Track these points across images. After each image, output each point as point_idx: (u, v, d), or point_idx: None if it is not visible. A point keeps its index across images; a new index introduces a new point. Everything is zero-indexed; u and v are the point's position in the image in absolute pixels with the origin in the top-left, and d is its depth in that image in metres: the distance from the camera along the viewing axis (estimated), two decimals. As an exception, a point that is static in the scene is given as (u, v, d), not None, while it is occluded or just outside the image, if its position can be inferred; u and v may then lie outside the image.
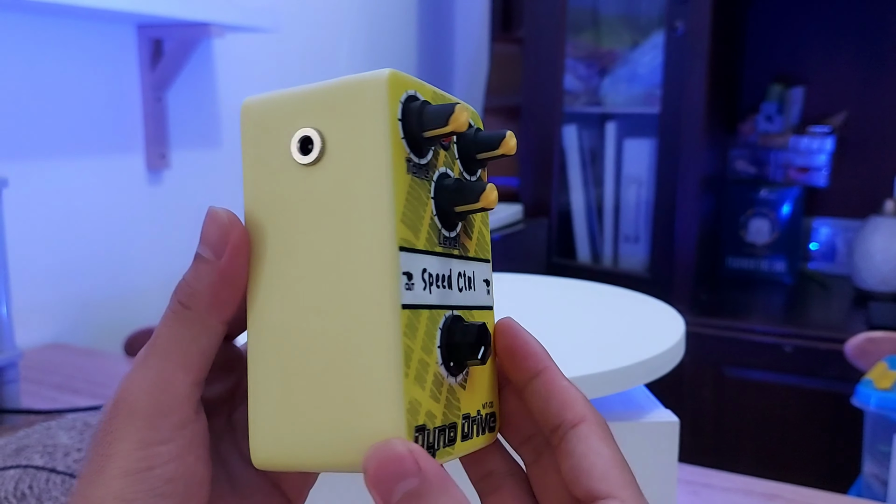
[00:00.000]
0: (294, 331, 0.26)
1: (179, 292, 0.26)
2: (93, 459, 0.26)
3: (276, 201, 0.26)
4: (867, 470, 1.11)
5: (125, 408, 0.26)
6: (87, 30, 1.23)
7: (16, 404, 0.89)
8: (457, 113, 0.24)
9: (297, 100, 0.26)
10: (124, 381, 0.26)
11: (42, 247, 1.20)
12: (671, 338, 0.53)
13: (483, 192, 0.26)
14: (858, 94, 1.94)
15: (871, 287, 1.81)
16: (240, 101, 1.40)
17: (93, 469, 0.25)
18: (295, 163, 0.26)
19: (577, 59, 2.03)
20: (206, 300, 0.26)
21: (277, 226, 0.26)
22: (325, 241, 0.25)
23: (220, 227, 0.26)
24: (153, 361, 0.26)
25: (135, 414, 0.25)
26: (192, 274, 0.26)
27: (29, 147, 1.17)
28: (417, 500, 0.22)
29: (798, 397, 1.63)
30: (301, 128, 0.26)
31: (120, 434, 0.25)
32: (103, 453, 0.25)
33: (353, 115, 0.25)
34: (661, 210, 1.82)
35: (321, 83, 0.26)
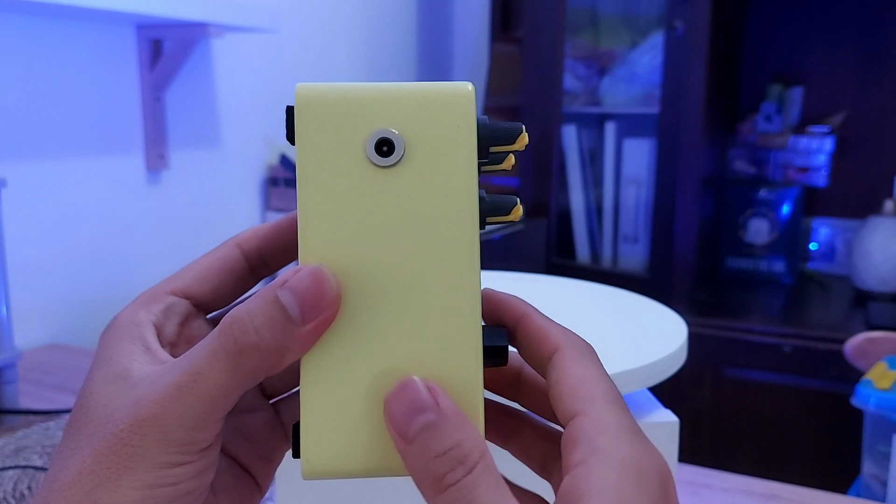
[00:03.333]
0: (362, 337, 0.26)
1: (241, 335, 0.24)
2: (101, 463, 0.24)
3: (346, 199, 0.26)
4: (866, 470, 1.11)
5: (155, 431, 0.24)
6: (87, 30, 1.23)
7: (14, 405, 0.89)
8: (524, 133, 0.27)
9: (371, 98, 0.26)
10: (154, 403, 0.25)
11: (41, 247, 1.19)
12: (673, 342, 0.53)
13: (514, 207, 0.27)
14: (857, 94, 1.94)
15: (870, 287, 1.81)
16: (239, 101, 1.40)
17: (103, 474, 0.24)
18: (368, 162, 0.26)
19: (576, 59, 2.03)
20: (267, 360, 0.25)
21: (345, 226, 0.26)
22: (404, 243, 0.25)
23: (324, 296, 0.25)
24: (193, 402, 0.25)
25: (166, 439, 0.24)
26: (265, 323, 0.24)
27: (28, 147, 1.17)
28: (433, 431, 0.24)
29: (797, 397, 1.63)
30: (378, 128, 0.26)
31: (145, 451, 0.24)
32: (120, 463, 0.24)
33: (439, 122, 0.26)
34: (660, 210, 1.82)
35: (394, 84, 0.26)
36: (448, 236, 0.26)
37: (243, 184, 1.59)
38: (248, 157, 1.59)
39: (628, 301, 0.65)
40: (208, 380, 0.24)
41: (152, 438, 0.24)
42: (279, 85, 1.65)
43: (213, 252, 0.30)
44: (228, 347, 0.24)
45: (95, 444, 0.25)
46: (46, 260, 1.20)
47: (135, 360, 0.26)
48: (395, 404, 0.24)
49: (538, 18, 1.91)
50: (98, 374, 0.27)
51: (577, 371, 0.26)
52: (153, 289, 0.29)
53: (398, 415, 0.24)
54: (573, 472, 0.23)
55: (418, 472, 0.24)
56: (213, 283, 0.29)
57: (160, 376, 0.25)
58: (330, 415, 0.26)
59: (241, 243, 0.30)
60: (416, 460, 0.24)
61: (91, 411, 0.26)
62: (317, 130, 0.26)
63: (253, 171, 1.61)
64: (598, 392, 0.25)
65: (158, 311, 0.28)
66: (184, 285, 0.29)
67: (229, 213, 1.55)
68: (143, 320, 0.28)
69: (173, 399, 0.24)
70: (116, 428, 0.25)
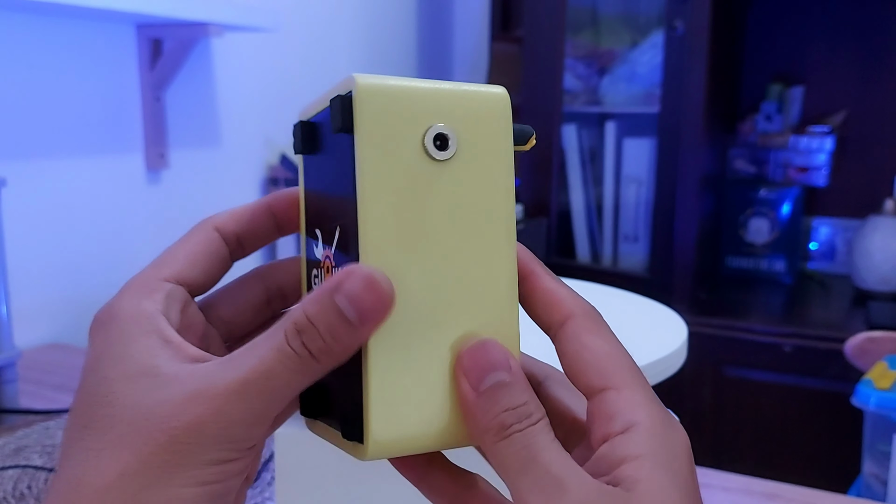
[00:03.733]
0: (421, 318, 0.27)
1: (310, 341, 0.25)
2: (149, 464, 0.24)
3: (402, 190, 0.27)
4: (867, 470, 1.11)
5: (217, 428, 0.24)
6: (87, 30, 1.23)
7: (14, 404, 0.89)
8: (533, 136, 0.31)
9: (427, 95, 0.27)
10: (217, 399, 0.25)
11: (41, 246, 1.19)
12: (673, 342, 0.53)
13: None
14: (858, 94, 1.94)
15: (870, 286, 1.81)
16: (239, 101, 1.40)
17: (152, 475, 0.24)
18: (426, 156, 0.27)
19: (576, 58, 2.03)
20: (335, 360, 0.26)
21: (404, 213, 0.27)
22: (454, 230, 0.27)
23: (380, 299, 0.25)
24: (261, 400, 0.25)
25: (225, 436, 0.25)
26: (326, 328, 0.25)
27: (28, 147, 1.17)
28: (505, 388, 0.26)
29: (798, 397, 1.63)
30: (435, 124, 0.27)
31: (201, 449, 0.24)
32: (172, 461, 0.24)
33: (483, 121, 0.28)
34: (660, 210, 1.82)
35: (440, 82, 0.28)
36: (492, 222, 0.28)
37: (243, 183, 1.59)
38: (248, 156, 1.59)
39: (628, 301, 0.65)
40: (279, 379, 0.25)
41: (211, 435, 0.24)
42: (279, 85, 1.65)
43: (194, 235, 0.30)
44: (301, 351, 0.25)
45: (137, 444, 0.24)
46: (46, 259, 1.20)
47: (158, 355, 0.26)
48: (471, 359, 0.26)
49: (538, 18, 1.91)
50: (114, 372, 0.26)
51: (597, 344, 0.28)
52: (144, 275, 0.28)
53: (474, 369, 0.26)
54: (614, 440, 0.26)
55: (485, 421, 0.26)
56: (201, 268, 0.29)
57: (216, 373, 0.25)
58: (394, 393, 0.26)
59: (219, 227, 0.30)
60: (485, 411, 0.26)
61: (117, 411, 0.25)
62: (379, 122, 0.26)
63: (253, 171, 1.61)
64: (624, 366, 0.27)
65: (161, 299, 0.27)
66: (177, 272, 0.29)
67: (229, 213, 1.55)
68: (151, 311, 0.27)
69: (240, 397, 0.25)
70: (166, 426, 0.24)
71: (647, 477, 0.25)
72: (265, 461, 0.75)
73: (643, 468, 0.25)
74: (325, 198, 0.30)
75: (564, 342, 0.28)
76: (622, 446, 0.25)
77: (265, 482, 0.72)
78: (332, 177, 0.29)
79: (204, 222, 0.30)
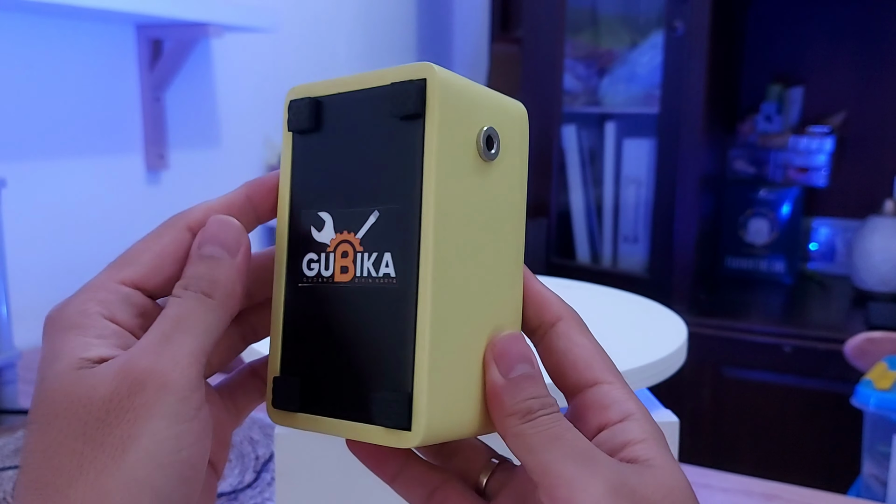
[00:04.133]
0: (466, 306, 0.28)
1: (197, 283, 0.27)
2: (100, 444, 0.24)
3: (459, 181, 0.28)
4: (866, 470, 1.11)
5: (154, 381, 0.24)
6: (87, 30, 1.23)
7: (14, 405, 0.89)
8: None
9: (483, 95, 0.29)
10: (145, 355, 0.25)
11: (41, 247, 1.19)
12: (673, 343, 0.53)
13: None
14: (857, 94, 1.94)
15: (870, 287, 1.81)
16: (239, 101, 1.39)
17: (105, 454, 0.24)
18: (477, 154, 0.28)
19: (576, 59, 2.03)
20: (226, 290, 0.28)
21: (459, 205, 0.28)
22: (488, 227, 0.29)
23: (234, 231, 0.28)
24: (183, 339, 0.26)
25: (167, 387, 0.25)
26: (206, 269, 0.28)
27: (28, 147, 1.17)
28: (530, 380, 0.28)
29: (797, 397, 1.63)
30: (488, 125, 0.28)
31: (147, 411, 0.24)
32: (122, 435, 0.24)
33: (516, 128, 0.30)
34: (660, 210, 1.82)
35: (481, 86, 0.29)
36: (513, 224, 0.30)
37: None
38: (247, 157, 1.59)
39: (627, 301, 0.65)
40: (189, 318, 0.27)
41: (154, 388, 0.24)
42: (279, 85, 1.65)
43: (163, 235, 0.29)
44: (195, 296, 0.27)
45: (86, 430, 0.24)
46: (46, 260, 1.20)
47: (91, 349, 0.26)
48: (504, 348, 0.28)
49: (538, 18, 1.91)
50: (49, 371, 0.25)
51: (586, 343, 0.30)
52: (100, 278, 0.28)
53: (505, 357, 0.28)
54: (614, 427, 0.28)
55: (511, 406, 0.27)
56: (168, 271, 0.28)
57: (138, 344, 0.26)
58: (443, 382, 0.27)
59: (192, 227, 0.29)
60: (513, 396, 0.27)
61: (52, 406, 0.25)
62: (448, 112, 0.27)
63: (253, 171, 1.61)
64: (609, 364, 0.30)
65: (111, 301, 0.27)
66: (137, 276, 0.28)
67: (229, 213, 1.55)
68: (92, 312, 0.27)
69: (163, 345, 0.26)
70: (108, 403, 0.24)
71: (657, 454, 0.28)
72: (265, 461, 0.75)
73: (651, 448, 0.28)
74: (342, 179, 0.29)
75: (555, 340, 0.30)
76: (624, 432, 0.28)
77: (265, 482, 0.72)
78: (361, 160, 0.28)
79: (175, 220, 0.29)
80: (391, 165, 0.27)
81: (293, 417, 0.29)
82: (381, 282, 0.27)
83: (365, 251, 0.28)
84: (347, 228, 0.28)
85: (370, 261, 0.28)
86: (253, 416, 0.83)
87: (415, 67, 0.27)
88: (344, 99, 0.29)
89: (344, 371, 0.28)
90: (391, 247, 0.27)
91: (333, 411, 0.28)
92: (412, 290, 0.27)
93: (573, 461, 0.26)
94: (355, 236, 0.28)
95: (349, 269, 0.28)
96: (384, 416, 0.26)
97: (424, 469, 0.31)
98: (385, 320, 0.27)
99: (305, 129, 0.30)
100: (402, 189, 0.27)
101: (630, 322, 0.60)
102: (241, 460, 0.76)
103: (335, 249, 0.29)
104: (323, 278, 0.29)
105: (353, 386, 0.28)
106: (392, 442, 0.27)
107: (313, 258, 0.29)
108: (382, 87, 0.28)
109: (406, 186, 0.27)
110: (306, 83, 0.30)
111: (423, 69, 0.27)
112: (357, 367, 0.27)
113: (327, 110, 0.29)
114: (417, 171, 0.27)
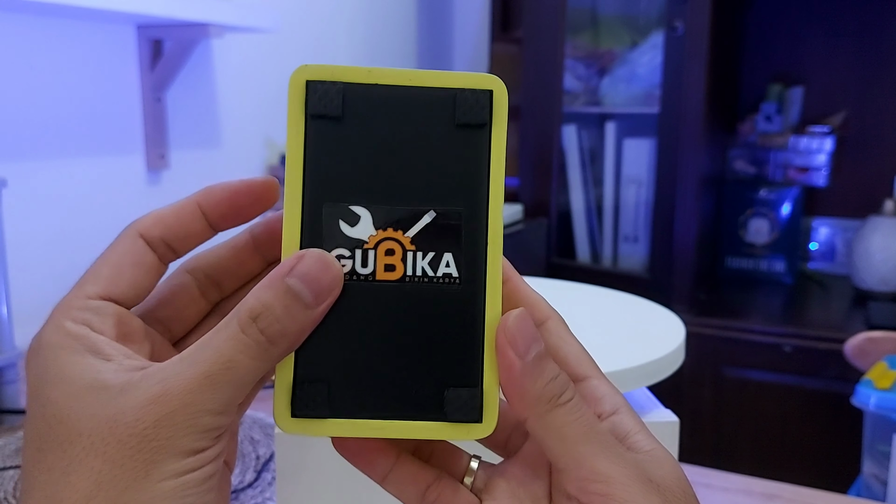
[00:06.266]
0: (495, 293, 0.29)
1: (266, 326, 0.26)
2: (123, 466, 0.24)
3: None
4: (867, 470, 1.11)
5: (186, 419, 0.25)
6: (87, 30, 1.23)
7: (15, 404, 0.89)
8: None
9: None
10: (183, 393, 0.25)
11: (42, 247, 1.19)
12: (672, 342, 0.54)
13: None
14: (858, 94, 1.94)
15: (870, 287, 1.81)
16: (239, 102, 1.39)
17: (129, 476, 0.24)
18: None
19: (576, 59, 2.03)
20: (292, 342, 0.26)
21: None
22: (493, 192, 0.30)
23: (333, 278, 0.27)
24: (226, 389, 0.25)
25: (195, 426, 0.25)
26: (284, 312, 0.26)
27: (28, 147, 1.17)
28: (544, 360, 0.27)
29: (797, 397, 1.63)
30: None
31: (172, 442, 0.25)
32: (147, 459, 0.24)
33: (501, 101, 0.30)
34: (660, 210, 1.82)
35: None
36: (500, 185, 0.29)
37: (243, 184, 1.59)
38: (248, 157, 1.59)
39: (625, 302, 0.65)
40: (240, 367, 0.25)
41: (182, 427, 0.25)
42: (280, 85, 1.66)
43: (116, 246, 0.29)
44: (257, 338, 0.26)
45: (106, 451, 0.24)
46: (47, 260, 1.20)
47: (98, 370, 0.26)
48: (517, 328, 0.27)
49: (538, 18, 1.91)
50: (57, 393, 0.26)
51: (574, 341, 0.31)
52: (66, 298, 0.28)
53: (521, 338, 0.27)
54: (612, 418, 0.29)
55: (533, 391, 0.27)
56: (128, 280, 0.29)
57: (175, 373, 0.25)
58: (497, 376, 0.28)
59: (143, 233, 0.29)
60: (534, 380, 0.27)
61: (75, 425, 0.25)
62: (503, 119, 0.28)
63: (253, 172, 1.61)
64: (594, 362, 0.31)
65: (85, 318, 0.27)
66: (101, 289, 0.28)
67: (229, 213, 1.55)
68: (76, 331, 0.27)
69: (204, 388, 0.25)
70: (133, 430, 0.24)
71: (656, 445, 0.29)
72: (265, 461, 0.75)
73: (650, 439, 0.29)
74: (379, 175, 0.28)
75: (547, 337, 0.30)
76: (622, 423, 0.29)
77: (265, 482, 0.72)
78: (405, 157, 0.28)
79: (128, 228, 0.30)
80: (449, 169, 0.28)
81: (318, 425, 0.28)
82: (440, 281, 0.28)
83: (418, 250, 0.28)
84: (393, 226, 0.28)
85: (425, 260, 0.28)
86: (253, 416, 0.84)
87: (480, 78, 0.28)
88: (381, 92, 0.28)
89: (395, 370, 0.28)
90: (451, 247, 0.28)
91: (379, 412, 0.28)
92: (480, 291, 0.28)
93: (605, 456, 0.27)
94: (404, 234, 0.28)
95: (397, 267, 0.28)
96: (458, 412, 0.27)
97: (416, 467, 0.30)
98: (447, 319, 0.28)
99: (330, 116, 0.28)
100: (465, 193, 0.28)
101: (628, 322, 0.60)
102: (242, 460, 0.76)
103: (376, 247, 0.28)
104: (360, 275, 0.28)
105: (409, 384, 0.28)
106: (461, 436, 0.27)
107: (344, 254, 0.28)
108: (439, 90, 0.28)
109: (470, 190, 0.28)
110: (317, 64, 0.29)
111: (491, 81, 0.28)
112: (414, 365, 0.27)
113: (355, 99, 0.28)
114: (484, 177, 0.28)
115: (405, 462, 0.30)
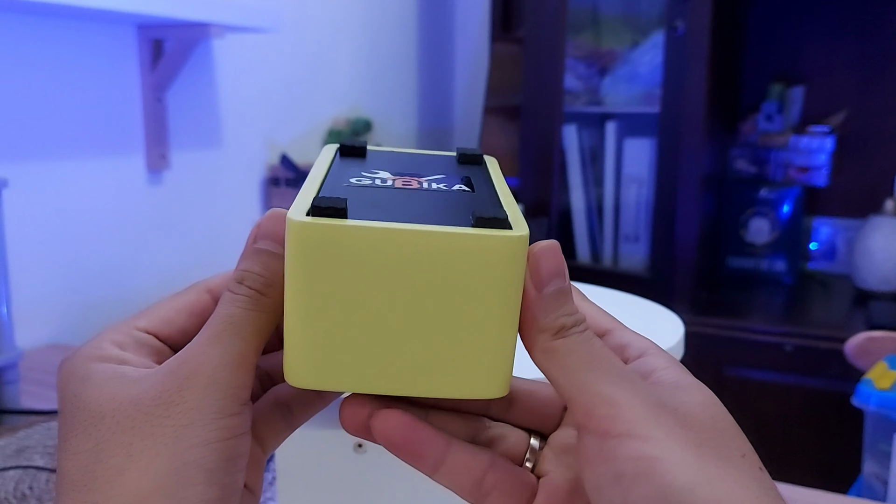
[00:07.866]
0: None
1: (250, 281, 0.28)
2: (150, 435, 0.25)
3: None
4: (867, 469, 1.11)
5: (202, 379, 0.26)
6: (87, 30, 1.23)
7: (16, 405, 0.89)
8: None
9: None
10: (197, 356, 0.27)
11: (42, 247, 1.20)
12: (671, 338, 0.54)
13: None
14: (858, 94, 1.94)
15: (871, 286, 1.81)
16: (240, 102, 1.39)
17: (156, 442, 0.25)
18: None
19: (577, 58, 2.03)
20: (278, 290, 0.28)
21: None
22: None
23: (281, 226, 0.28)
24: (232, 340, 0.27)
25: (215, 385, 0.26)
26: (261, 266, 0.28)
27: (29, 148, 1.17)
28: (565, 296, 0.27)
29: (798, 397, 1.63)
30: None
31: (197, 403, 0.26)
32: (175, 425, 0.25)
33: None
34: (661, 210, 1.82)
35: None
36: None
37: (244, 184, 1.59)
38: (249, 157, 1.59)
39: (623, 301, 0.65)
40: (240, 319, 0.27)
41: (203, 385, 0.26)
42: (280, 85, 1.66)
43: (183, 295, 0.31)
44: (249, 294, 0.28)
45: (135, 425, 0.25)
46: (47, 260, 1.20)
47: (119, 370, 0.27)
48: (545, 259, 0.27)
49: (539, 18, 1.91)
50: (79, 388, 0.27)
51: (591, 303, 0.31)
52: (115, 326, 0.30)
53: (545, 267, 0.27)
54: (637, 361, 0.29)
55: (544, 322, 0.27)
56: (180, 325, 0.30)
57: (190, 344, 0.27)
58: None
59: (212, 289, 0.31)
60: (546, 312, 0.27)
61: (96, 410, 0.26)
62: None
63: (254, 172, 1.61)
64: (614, 318, 0.31)
65: (125, 342, 0.29)
66: (151, 324, 0.30)
67: (230, 214, 1.55)
68: (110, 351, 0.28)
69: (213, 345, 0.27)
70: (159, 399, 0.26)
71: (685, 377, 0.28)
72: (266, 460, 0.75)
73: (678, 372, 0.28)
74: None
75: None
76: (647, 363, 0.28)
77: (266, 482, 0.72)
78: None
79: (197, 283, 0.32)
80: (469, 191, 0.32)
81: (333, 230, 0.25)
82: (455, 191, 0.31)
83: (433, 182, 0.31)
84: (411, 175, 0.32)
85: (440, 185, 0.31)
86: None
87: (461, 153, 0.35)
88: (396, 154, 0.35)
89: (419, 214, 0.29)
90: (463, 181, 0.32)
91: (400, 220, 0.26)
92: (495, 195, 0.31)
93: (611, 380, 0.26)
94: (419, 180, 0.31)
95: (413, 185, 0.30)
96: (486, 222, 0.27)
97: (469, 455, 0.29)
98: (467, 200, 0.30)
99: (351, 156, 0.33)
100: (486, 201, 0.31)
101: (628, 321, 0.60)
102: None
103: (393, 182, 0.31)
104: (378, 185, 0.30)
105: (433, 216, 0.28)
106: (489, 242, 0.26)
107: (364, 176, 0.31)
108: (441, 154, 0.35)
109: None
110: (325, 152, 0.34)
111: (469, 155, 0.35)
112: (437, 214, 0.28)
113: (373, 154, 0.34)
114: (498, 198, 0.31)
115: (456, 451, 0.28)
